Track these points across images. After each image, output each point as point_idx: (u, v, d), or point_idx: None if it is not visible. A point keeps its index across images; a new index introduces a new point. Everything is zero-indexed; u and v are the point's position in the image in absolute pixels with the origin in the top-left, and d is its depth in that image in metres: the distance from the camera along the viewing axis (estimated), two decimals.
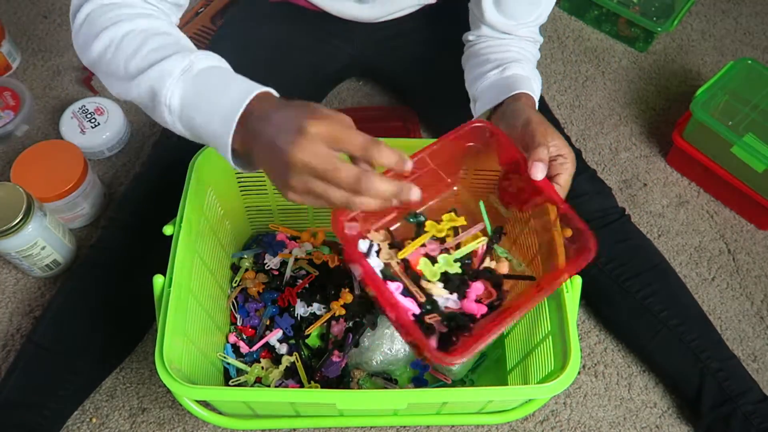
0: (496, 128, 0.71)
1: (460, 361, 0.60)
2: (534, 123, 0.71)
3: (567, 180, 0.70)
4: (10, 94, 1.20)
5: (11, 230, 0.91)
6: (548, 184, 0.68)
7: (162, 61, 0.64)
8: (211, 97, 0.61)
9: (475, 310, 0.67)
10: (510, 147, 0.70)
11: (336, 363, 0.91)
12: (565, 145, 0.71)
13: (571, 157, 0.71)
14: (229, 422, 0.80)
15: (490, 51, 0.88)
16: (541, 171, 0.67)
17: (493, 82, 0.83)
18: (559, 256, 0.68)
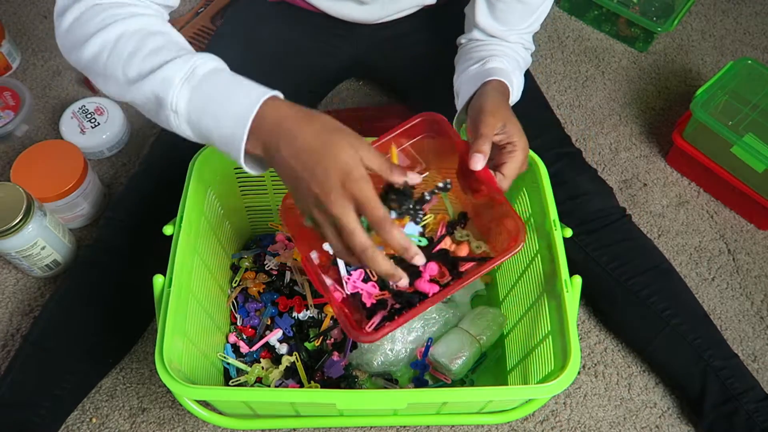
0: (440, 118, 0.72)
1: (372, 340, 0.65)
2: (484, 111, 0.71)
3: (513, 168, 0.71)
4: (10, 94, 1.20)
5: (11, 230, 0.91)
6: (488, 175, 0.69)
7: (163, 66, 0.63)
8: (219, 101, 0.62)
9: (427, 289, 0.70)
10: (454, 138, 0.71)
11: (337, 363, 0.91)
12: (518, 132, 0.71)
13: (521, 145, 0.71)
14: (229, 422, 0.80)
15: (476, 50, 0.88)
16: (480, 162, 0.67)
17: (471, 75, 0.84)
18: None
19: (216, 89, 0.62)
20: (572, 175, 0.98)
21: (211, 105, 0.62)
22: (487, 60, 0.84)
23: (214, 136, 0.63)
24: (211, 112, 0.62)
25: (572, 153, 1.03)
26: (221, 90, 0.62)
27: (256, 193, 0.95)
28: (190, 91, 0.62)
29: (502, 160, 0.70)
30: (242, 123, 0.60)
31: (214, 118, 0.62)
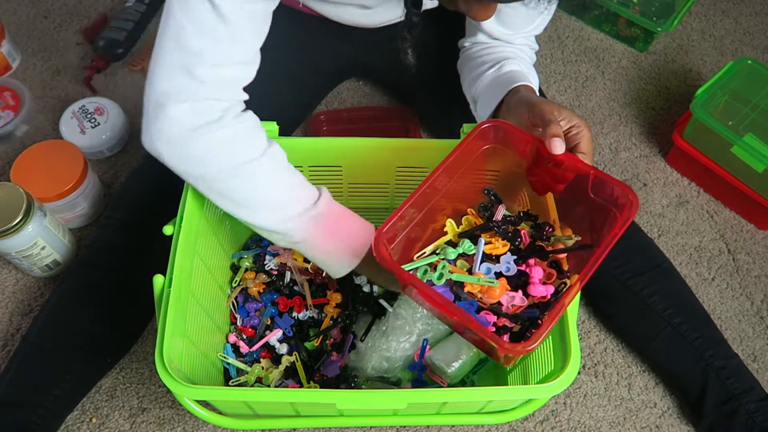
0: (506, 122, 0.72)
1: (532, 348, 0.62)
2: (538, 104, 0.72)
3: (588, 146, 0.70)
4: (10, 94, 1.20)
5: (11, 230, 0.91)
6: (571, 156, 0.68)
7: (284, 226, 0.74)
8: (333, 240, 0.77)
9: (543, 292, 0.68)
10: (524, 135, 0.71)
11: (335, 362, 0.91)
12: (574, 114, 0.71)
13: (584, 124, 0.71)
14: (229, 422, 0.80)
15: (486, 53, 0.88)
16: (560, 145, 0.67)
17: (491, 81, 0.84)
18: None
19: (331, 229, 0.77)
20: None
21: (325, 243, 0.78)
22: (502, 64, 0.84)
23: (319, 262, 0.81)
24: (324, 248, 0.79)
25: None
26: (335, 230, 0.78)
27: None
28: (306, 233, 0.76)
29: (575, 141, 0.70)
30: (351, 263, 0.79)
31: (325, 253, 0.79)
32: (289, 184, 0.75)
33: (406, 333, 0.90)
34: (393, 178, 0.92)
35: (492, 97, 0.81)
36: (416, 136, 1.20)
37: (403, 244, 0.73)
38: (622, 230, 0.65)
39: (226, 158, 0.70)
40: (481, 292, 0.70)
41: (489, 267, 0.71)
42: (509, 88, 0.79)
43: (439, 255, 0.72)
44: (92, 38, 1.32)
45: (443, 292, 0.70)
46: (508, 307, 0.70)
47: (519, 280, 0.71)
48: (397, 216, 0.68)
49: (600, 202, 0.70)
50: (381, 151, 0.89)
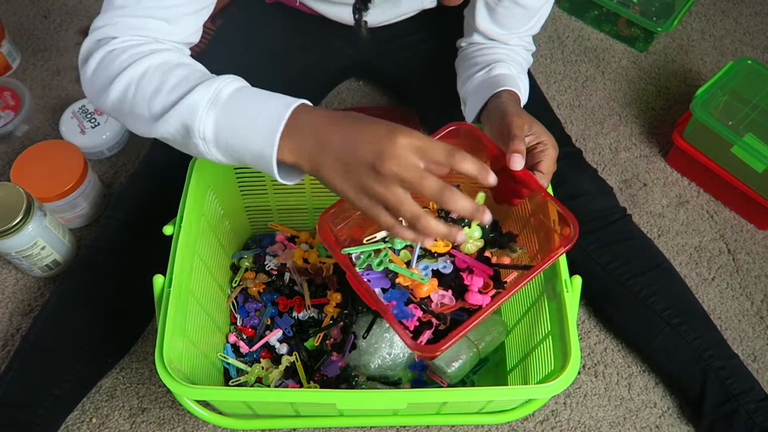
0: (472, 126, 0.72)
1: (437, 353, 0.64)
2: (509, 115, 0.72)
3: (549, 166, 0.71)
4: (10, 94, 1.20)
5: (11, 230, 0.91)
6: (528, 174, 0.69)
7: (187, 95, 0.63)
8: (247, 116, 0.61)
9: (480, 300, 0.69)
10: (488, 143, 0.71)
11: (335, 362, 0.91)
12: (544, 131, 0.72)
13: (551, 143, 0.71)
14: (229, 422, 0.80)
15: (479, 54, 0.88)
16: (519, 161, 0.67)
17: (479, 83, 0.84)
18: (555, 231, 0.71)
19: (241, 108, 0.62)
20: (572, 175, 0.98)
21: (239, 124, 0.61)
22: (493, 66, 0.84)
23: (246, 155, 0.62)
24: (239, 131, 0.61)
25: (572, 153, 1.03)
26: (246, 107, 0.62)
27: (256, 193, 0.95)
28: (216, 114, 0.62)
29: (537, 159, 0.71)
30: (272, 132, 0.59)
31: (242, 136, 0.61)
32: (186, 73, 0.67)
33: None
34: None
35: (477, 100, 0.82)
36: None
37: (354, 225, 0.73)
38: (553, 259, 0.67)
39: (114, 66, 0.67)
40: (413, 285, 0.71)
41: (427, 264, 0.72)
42: (493, 92, 0.79)
43: (387, 242, 0.73)
44: None
45: (379, 277, 0.72)
46: (437, 304, 0.71)
47: (454, 281, 0.72)
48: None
49: (548, 225, 0.71)
50: None
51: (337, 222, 0.71)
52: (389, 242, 0.73)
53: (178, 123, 0.64)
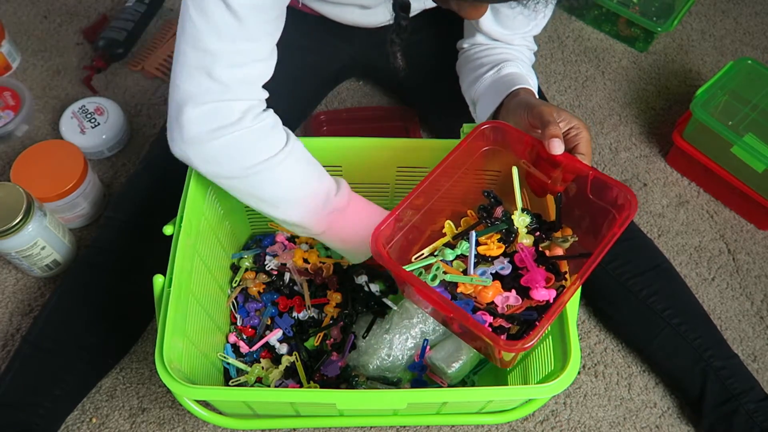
0: (505, 123, 0.72)
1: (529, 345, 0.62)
2: (537, 106, 0.72)
3: (586, 147, 0.71)
4: (10, 94, 1.20)
5: (11, 230, 0.91)
6: (570, 157, 0.69)
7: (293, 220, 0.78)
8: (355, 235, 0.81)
9: (546, 296, 0.68)
10: (523, 136, 0.71)
11: (335, 362, 0.91)
12: (573, 116, 0.72)
13: (583, 125, 0.71)
14: (229, 422, 0.80)
15: (484, 55, 0.88)
16: (558, 145, 0.67)
17: (490, 83, 0.84)
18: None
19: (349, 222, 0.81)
20: None
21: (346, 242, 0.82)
22: (502, 66, 0.84)
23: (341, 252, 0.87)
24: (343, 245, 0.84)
25: None
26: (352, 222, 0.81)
27: None
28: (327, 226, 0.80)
29: (573, 143, 0.71)
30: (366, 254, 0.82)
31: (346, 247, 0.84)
32: (308, 178, 0.78)
33: (410, 331, 0.90)
34: (393, 178, 0.93)
35: (491, 99, 0.82)
36: (416, 136, 1.20)
37: (401, 245, 0.73)
38: (620, 231, 0.66)
39: (247, 157, 0.72)
40: (475, 292, 0.70)
41: (484, 269, 0.71)
42: (508, 91, 0.79)
43: (437, 256, 0.72)
44: (92, 38, 1.32)
45: (440, 292, 0.70)
46: (503, 307, 0.70)
47: (514, 280, 0.71)
48: (395, 215, 0.68)
49: (599, 203, 0.70)
50: (381, 151, 0.89)
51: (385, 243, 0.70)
52: (438, 255, 0.72)
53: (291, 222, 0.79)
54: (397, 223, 0.70)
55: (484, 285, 0.69)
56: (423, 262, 0.72)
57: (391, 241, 0.71)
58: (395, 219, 0.69)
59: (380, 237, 0.67)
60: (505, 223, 0.73)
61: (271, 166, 0.73)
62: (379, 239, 0.67)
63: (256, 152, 0.73)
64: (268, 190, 0.76)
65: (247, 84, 0.72)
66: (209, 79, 0.69)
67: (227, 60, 0.68)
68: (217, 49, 0.68)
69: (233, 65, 0.69)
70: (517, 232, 0.73)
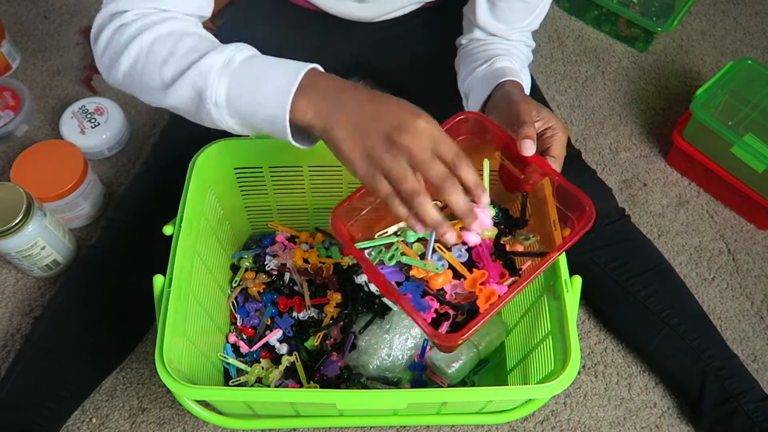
0: (481, 115, 0.72)
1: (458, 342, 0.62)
2: (518, 102, 0.72)
3: (559, 150, 0.71)
4: (10, 94, 1.20)
5: (11, 230, 0.91)
6: (540, 159, 0.69)
7: (199, 61, 0.63)
8: (259, 82, 0.62)
9: (497, 290, 0.68)
10: (497, 132, 0.71)
11: (335, 362, 0.91)
12: (553, 116, 0.71)
13: (561, 127, 0.71)
14: (229, 422, 0.80)
15: (481, 50, 0.89)
16: (530, 147, 0.67)
17: (482, 76, 0.84)
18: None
19: (254, 72, 0.62)
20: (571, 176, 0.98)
21: (251, 88, 0.62)
22: (495, 60, 0.84)
23: (258, 119, 0.63)
24: (251, 95, 0.62)
25: (571, 154, 1.03)
26: (259, 72, 0.62)
27: (256, 193, 0.95)
28: (228, 78, 0.62)
29: (547, 144, 0.71)
30: (286, 93, 0.60)
31: (255, 99, 0.62)
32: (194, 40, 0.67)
33: (410, 331, 0.90)
34: None
35: (480, 92, 0.82)
36: None
37: (368, 218, 0.72)
38: (571, 242, 0.66)
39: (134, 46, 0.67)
40: (427, 277, 0.70)
41: (441, 255, 0.71)
42: (496, 83, 0.79)
43: (400, 236, 0.72)
44: None
45: (393, 272, 0.71)
46: (452, 294, 0.70)
47: (470, 271, 0.71)
48: (360, 192, 0.68)
49: (562, 209, 0.70)
50: None
51: (347, 218, 0.70)
52: (401, 236, 0.73)
53: (189, 89, 0.64)
54: (367, 198, 0.70)
55: (435, 272, 0.70)
56: (383, 240, 0.72)
57: (356, 215, 0.71)
58: (361, 195, 0.69)
59: (340, 211, 0.68)
60: None
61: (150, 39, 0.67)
62: (338, 213, 0.67)
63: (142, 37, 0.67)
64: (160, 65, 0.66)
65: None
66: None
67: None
68: None
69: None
70: None
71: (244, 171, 0.90)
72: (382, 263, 0.70)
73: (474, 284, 0.68)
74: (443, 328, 0.67)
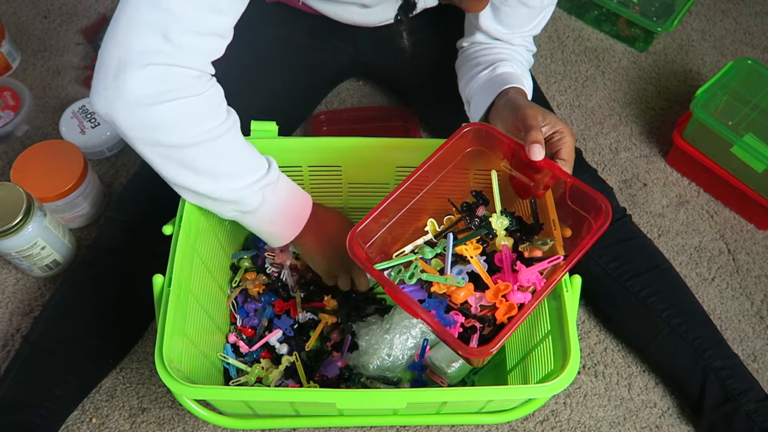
0: (488, 125, 0.72)
1: (490, 353, 0.63)
2: (523, 108, 0.72)
3: (569, 153, 0.71)
4: (10, 94, 1.20)
5: (11, 230, 0.91)
6: (550, 163, 0.69)
7: (238, 201, 0.75)
8: (284, 213, 0.81)
9: (521, 298, 0.68)
10: (505, 139, 0.71)
11: (335, 362, 0.91)
12: (558, 120, 0.72)
13: (568, 130, 0.71)
14: (229, 422, 0.80)
15: (482, 54, 0.88)
16: (539, 151, 0.67)
17: (484, 82, 0.84)
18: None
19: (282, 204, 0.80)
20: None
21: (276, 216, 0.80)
22: (497, 65, 0.84)
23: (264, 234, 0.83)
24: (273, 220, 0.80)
25: None
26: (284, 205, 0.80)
27: None
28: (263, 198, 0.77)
29: (556, 148, 0.71)
30: (298, 227, 0.83)
31: (274, 224, 0.81)
32: (248, 152, 0.75)
33: (410, 331, 0.90)
34: (393, 178, 0.92)
35: (483, 99, 0.82)
36: (416, 136, 1.20)
37: (384, 240, 0.73)
38: (593, 239, 0.66)
39: (193, 125, 0.68)
40: (449, 292, 0.70)
41: (461, 268, 0.71)
42: (499, 90, 0.79)
43: (417, 254, 0.72)
44: (92, 38, 1.32)
45: (415, 290, 0.71)
46: (476, 307, 0.69)
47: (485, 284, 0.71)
48: (374, 215, 0.69)
49: (577, 210, 0.70)
50: (381, 151, 0.89)
51: (364, 241, 0.71)
52: (419, 253, 0.72)
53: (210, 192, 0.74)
54: (381, 219, 0.70)
55: (456, 285, 0.69)
56: (402, 260, 0.72)
57: (371, 238, 0.72)
58: (376, 216, 0.69)
59: (357, 236, 0.68)
60: (484, 229, 0.73)
61: (215, 137, 0.69)
62: (354, 237, 0.67)
63: (203, 121, 0.68)
64: (209, 162, 0.71)
65: (202, 54, 0.66)
66: (163, 40, 0.62)
67: (188, 25, 0.63)
68: (180, 10, 0.62)
69: (193, 32, 0.63)
70: (495, 235, 0.73)
71: None
72: (402, 282, 0.70)
73: (497, 295, 0.68)
74: (473, 342, 0.67)
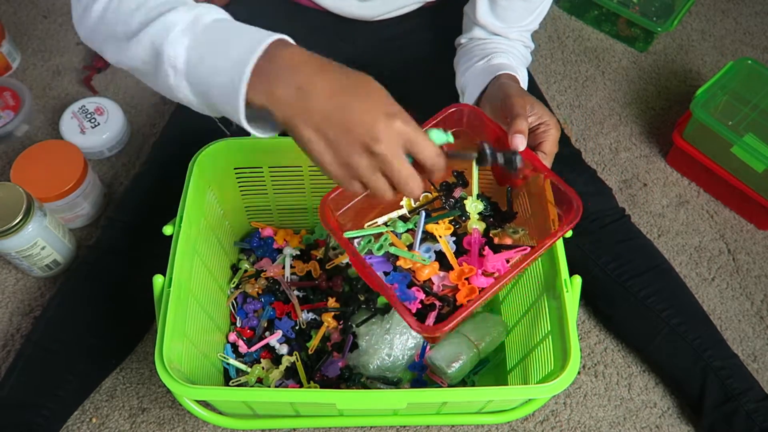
0: (475, 108, 0.71)
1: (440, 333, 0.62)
2: (512, 96, 0.71)
3: (551, 147, 0.71)
4: (10, 94, 1.20)
5: (11, 230, 0.91)
6: (531, 154, 0.68)
7: (165, 14, 0.56)
8: (219, 48, 0.54)
9: (484, 282, 0.68)
10: (489, 124, 0.70)
11: (335, 362, 0.91)
12: (546, 112, 0.71)
13: (554, 123, 0.71)
14: (229, 422, 0.80)
15: (479, 48, 0.88)
16: (521, 142, 0.67)
17: (478, 72, 0.84)
18: (551, 218, 0.70)
19: (218, 36, 0.55)
20: (571, 176, 0.98)
21: (211, 52, 0.55)
22: (492, 56, 0.84)
23: (213, 91, 0.55)
24: (209, 59, 0.54)
25: (571, 154, 1.03)
26: (223, 37, 0.55)
27: (256, 193, 0.95)
28: (190, 38, 0.55)
29: (539, 140, 0.70)
30: (241, 66, 0.52)
31: (212, 66, 0.54)
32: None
33: (410, 331, 0.91)
34: None
35: (476, 85, 0.81)
36: None
37: (358, 208, 0.72)
38: (558, 236, 0.66)
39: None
40: (414, 268, 0.70)
41: (429, 246, 0.71)
42: (492, 76, 0.79)
43: (389, 227, 0.72)
44: None
45: (381, 262, 0.71)
46: (439, 286, 0.69)
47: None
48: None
49: (548, 207, 0.70)
50: None
51: (338, 207, 0.70)
52: (391, 226, 0.73)
53: (149, 44, 0.57)
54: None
55: (422, 263, 0.69)
56: (373, 230, 0.72)
57: (345, 205, 0.71)
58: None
59: (329, 202, 0.67)
60: (458, 211, 0.73)
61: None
62: (326, 203, 0.67)
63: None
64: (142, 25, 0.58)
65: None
66: None
67: None
68: None
69: None
70: (468, 217, 0.73)
71: (244, 171, 0.90)
72: (370, 253, 0.70)
73: (460, 277, 0.68)
74: (429, 320, 0.67)
